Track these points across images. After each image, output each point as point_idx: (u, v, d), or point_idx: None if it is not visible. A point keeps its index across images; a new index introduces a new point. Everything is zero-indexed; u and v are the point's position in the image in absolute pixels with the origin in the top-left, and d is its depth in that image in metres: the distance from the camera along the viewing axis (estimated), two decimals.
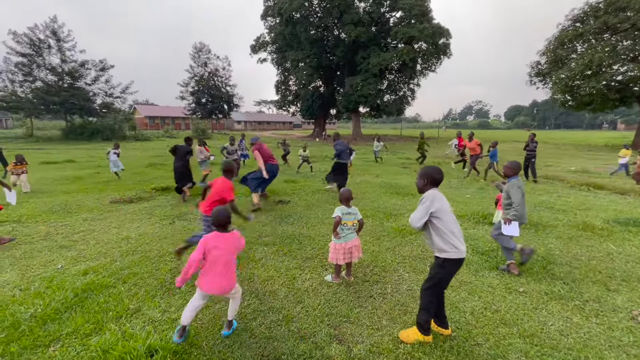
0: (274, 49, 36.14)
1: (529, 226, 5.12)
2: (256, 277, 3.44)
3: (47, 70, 26.82)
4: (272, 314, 2.77)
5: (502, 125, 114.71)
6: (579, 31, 22.72)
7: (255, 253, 4.08)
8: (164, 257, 3.94)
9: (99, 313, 2.75)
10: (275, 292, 3.13)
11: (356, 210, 3.32)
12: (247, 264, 3.76)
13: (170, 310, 2.82)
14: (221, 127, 64.49)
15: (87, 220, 5.52)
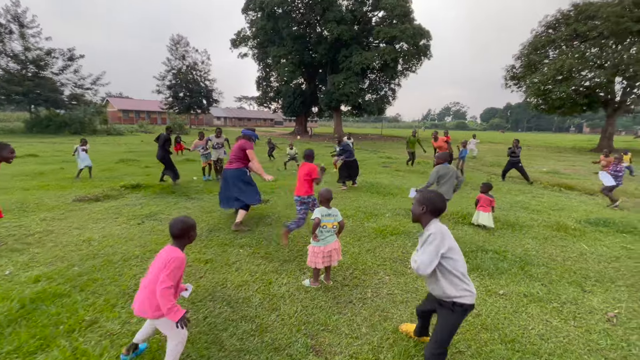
0: (255, 44, 35.44)
1: (506, 226, 5.17)
2: (229, 283, 3.23)
3: (8, 58, 24.97)
4: (245, 324, 2.58)
5: (478, 126, 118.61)
6: (551, 37, 23.68)
7: (229, 256, 3.86)
8: (129, 261, 3.64)
9: (48, 327, 2.45)
10: (249, 299, 2.94)
11: (337, 211, 3.17)
12: (221, 268, 3.54)
13: (132, 321, 2.56)
14: (200, 123, 62.83)
15: (45, 220, 5.07)
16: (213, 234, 4.61)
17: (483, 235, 4.77)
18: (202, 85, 44.75)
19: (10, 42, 24.97)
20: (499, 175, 10.47)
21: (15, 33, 25.02)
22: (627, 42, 21.09)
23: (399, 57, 29.31)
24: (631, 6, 20.03)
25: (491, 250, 4.12)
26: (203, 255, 3.85)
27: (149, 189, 7.24)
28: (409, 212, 5.88)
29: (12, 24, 24.75)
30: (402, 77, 33.60)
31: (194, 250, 3.98)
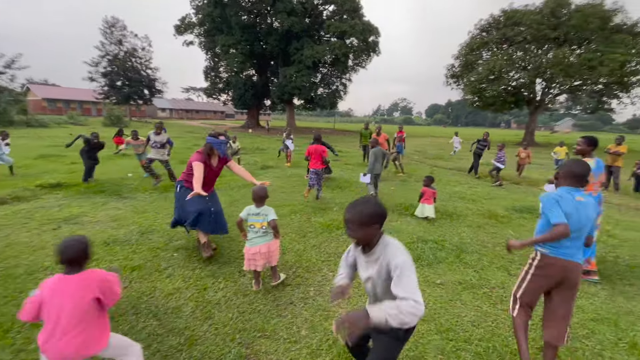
0: (202, 31, 33.35)
1: (445, 216, 5.44)
2: (158, 291, 2.91)
3: None
4: (172, 337, 2.32)
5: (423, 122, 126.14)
6: (484, 40, 25.78)
7: (161, 261, 3.50)
8: (36, 274, 3.12)
9: None
10: (179, 308, 2.66)
11: (269, 210, 2.95)
12: (150, 276, 3.18)
13: (29, 348, 2.16)
14: (142, 115, 57.94)
15: None
16: (145, 237, 4.17)
17: (424, 225, 4.96)
18: (143, 73, 41.09)
19: None
20: (441, 167, 11.12)
21: None
22: (545, 47, 23.76)
23: (350, 52, 29.71)
24: (549, 15, 22.56)
25: (431, 240, 4.28)
26: (130, 262, 3.44)
27: (71, 189, 6.39)
28: None
29: None
30: (352, 72, 34.16)
31: (120, 257, 3.55)
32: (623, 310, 2.84)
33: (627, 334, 2.51)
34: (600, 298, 3.03)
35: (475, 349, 2.29)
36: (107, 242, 3.93)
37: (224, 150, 3.56)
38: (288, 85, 29.47)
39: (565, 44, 22.94)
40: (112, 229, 4.40)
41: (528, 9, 24.15)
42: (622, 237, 4.73)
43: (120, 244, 3.91)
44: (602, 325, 2.60)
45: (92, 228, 4.43)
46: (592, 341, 2.42)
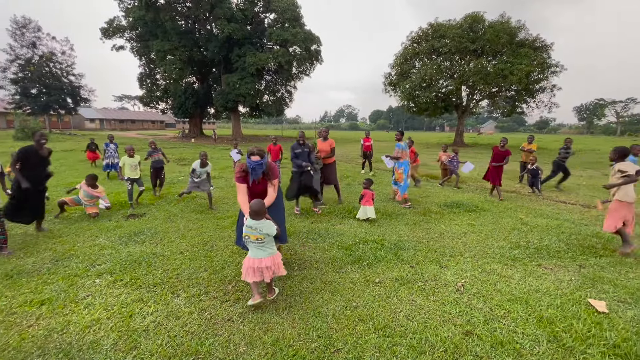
0: (134, 35, 31.08)
1: (385, 216, 5.70)
2: (73, 326, 2.56)
3: None
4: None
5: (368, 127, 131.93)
6: (416, 50, 28.00)
7: (79, 290, 3.10)
8: None
9: None
10: (98, 342, 2.37)
11: (266, 226, 2.81)
12: (63, 309, 2.79)
13: None
14: (66, 126, 51.91)
15: None
16: (59, 264, 3.67)
17: (366, 227, 5.13)
18: (64, 80, 36.93)
19: None
20: (383, 170, 11.66)
21: None
22: (467, 58, 26.55)
23: (293, 60, 30.02)
24: (468, 30, 25.30)
25: (371, 241, 4.43)
26: (39, 295, 2.99)
27: None
28: (302, 212, 5.92)
29: None
30: (297, 80, 34.54)
31: (25, 291, 3.07)
32: (532, 288, 3.22)
33: (535, 309, 2.84)
34: (515, 280, 3.40)
35: (409, 342, 2.40)
36: (10, 275, 3.37)
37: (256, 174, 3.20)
38: (232, 92, 28.73)
39: (482, 55, 25.93)
40: (18, 259, 3.80)
41: (451, 23, 26.85)
42: (533, 224, 5.39)
43: (27, 275, 3.38)
44: (516, 304, 2.91)
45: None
46: (508, 320, 2.69)
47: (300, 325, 2.61)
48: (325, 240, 4.49)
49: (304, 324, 2.61)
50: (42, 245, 4.26)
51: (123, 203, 6.34)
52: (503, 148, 7.58)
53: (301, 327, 2.57)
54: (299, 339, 2.43)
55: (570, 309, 2.83)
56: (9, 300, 2.90)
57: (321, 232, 4.80)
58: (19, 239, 4.48)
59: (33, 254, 3.94)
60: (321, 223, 5.31)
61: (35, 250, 4.08)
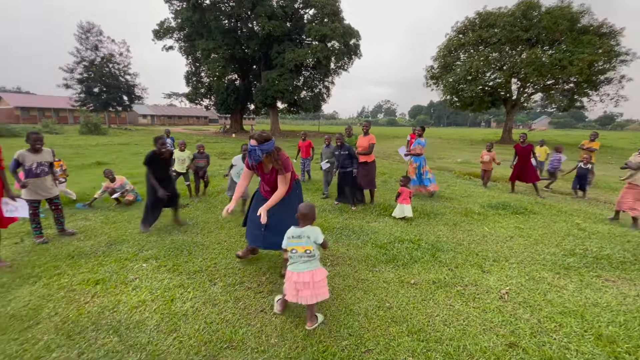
0: (182, 36, 32.87)
1: (422, 215, 5.48)
2: (122, 305, 2.77)
3: None
4: (133, 354, 2.20)
5: (407, 123, 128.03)
6: (461, 41, 26.44)
7: (128, 273, 3.35)
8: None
9: None
10: (143, 322, 2.54)
11: (313, 232, 2.50)
12: (114, 289, 3.04)
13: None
14: (122, 122, 56.54)
15: None
16: (113, 248, 4.00)
17: (402, 225, 4.97)
18: (121, 79, 40.13)
19: None
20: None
21: None
22: (519, 48, 24.56)
23: (331, 55, 29.87)
24: (521, 17, 23.36)
25: (407, 240, 4.29)
26: (94, 275, 3.28)
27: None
28: (334, 208, 5.89)
29: None
30: (335, 75, 34.36)
31: (83, 271, 3.38)
32: (590, 302, 2.90)
33: (592, 325, 2.55)
34: (569, 291, 3.09)
35: (445, 349, 2.28)
36: (72, 256, 3.75)
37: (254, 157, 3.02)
38: (270, 89, 29.34)
39: (537, 44, 23.80)
40: (79, 241, 4.20)
41: (501, 11, 24.95)
42: (591, 230, 4.87)
43: (85, 257, 3.73)
44: (569, 318, 2.64)
45: (58, 241, 4.22)
46: (560, 334, 2.45)
47: (332, 321, 2.59)
48: (360, 238, 4.42)
49: (335, 321, 2.59)
50: (99, 230, 4.67)
51: None
52: (524, 143, 7.25)
53: (332, 324, 2.55)
54: (329, 336, 2.42)
55: (636, 328, 2.51)
56: (70, 278, 3.22)
57: (355, 229, 4.73)
58: (80, 223, 4.95)
59: (91, 238, 4.34)
60: (355, 220, 5.24)
61: (93, 234, 4.49)
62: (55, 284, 3.10)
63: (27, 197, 4.01)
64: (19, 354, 2.19)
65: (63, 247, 4.00)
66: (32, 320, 2.54)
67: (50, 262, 3.58)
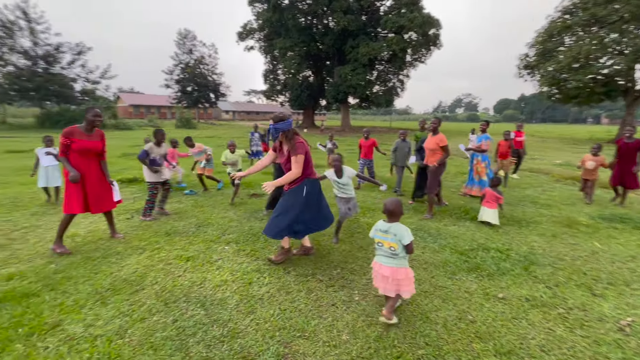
0: (262, 36, 35.08)
1: (511, 222, 4.85)
2: (208, 282, 3.04)
3: (18, 54, 25.30)
4: (217, 328, 2.39)
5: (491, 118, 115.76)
6: (567, 23, 22.57)
7: (213, 253, 3.68)
8: (109, 258, 3.50)
9: (8, 329, 2.31)
10: (225, 300, 2.75)
11: (400, 230, 2.43)
12: (202, 266, 3.36)
13: (97, 324, 2.40)
14: (208, 117, 63.12)
15: (35, 214, 5.01)
16: (201, 229, 4.45)
17: (486, 232, 4.46)
18: (209, 79, 44.73)
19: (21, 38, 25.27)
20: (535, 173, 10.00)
21: (25, 29, 25.28)
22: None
23: (408, 47, 28.55)
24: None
25: (493, 249, 3.83)
26: (186, 253, 3.68)
27: (144, 184, 7.12)
28: (408, 208, 5.60)
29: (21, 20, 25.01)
30: (410, 68, 32.81)
31: (177, 247, 3.82)
32: None
33: None
34: None
35: None
36: (169, 233, 4.27)
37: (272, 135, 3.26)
38: (343, 84, 29.43)
39: None
40: (174, 221, 4.78)
41: None
42: None
43: (179, 235, 4.22)
44: None
45: (158, 220, 4.86)
46: None
47: (406, 327, 2.44)
48: (436, 241, 4.10)
49: (410, 327, 2.43)
50: (189, 212, 5.25)
51: (250, 182, 7.25)
52: (631, 139, 5.69)
53: (407, 329, 2.40)
54: (404, 341, 2.28)
55: None
56: (167, 253, 3.66)
57: (431, 232, 4.41)
58: (174, 206, 5.64)
59: (183, 219, 4.90)
60: (432, 222, 4.89)
61: (185, 216, 5.06)
62: (156, 257, 3.56)
63: (151, 180, 4.88)
64: (128, 312, 2.56)
65: (162, 225, 4.59)
66: (139, 286, 2.96)
67: (152, 237, 4.14)
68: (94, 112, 3.67)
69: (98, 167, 3.83)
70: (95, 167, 3.79)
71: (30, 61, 26.05)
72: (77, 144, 3.55)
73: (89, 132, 3.68)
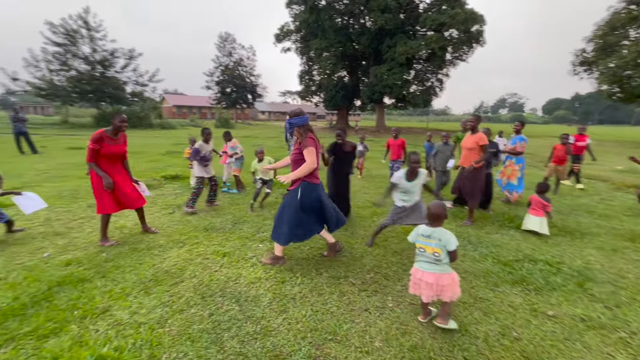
0: (298, 37, 35.57)
1: (563, 232, 4.45)
2: (242, 279, 3.12)
3: (80, 60, 27.86)
4: (250, 325, 2.43)
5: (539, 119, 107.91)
6: (633, 14, 20.39)
7: (248, 250, 3.77)
8: (152, 250, 3.71)
9: (65, 311, 2.53)
10: (259, 298, 2.79)
11: (444, 235, 2.34)
12: (237, 263, 3.45)
13: (141, 312, 2.55)
14: (245, 117, 65.23)
15: (91, 206, 5.44)
16: (236, 226, 4.58)
17: (533, 242, 4.14)
18: (247, 80, 46.22)
19: (82, 45, 27.83)
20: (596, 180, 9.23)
21: (86, 37, 27.79)
22: None
23: (448, 45, 27.43)
24: None
25: (542, 261, 3.53)
26: (222, 249, 3.80)
27: (186, 180, 7.51)
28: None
29: (82, 28, 27.52)
30: (450, 67, 31.49)
31: (215, 243, 3.96)
32: None
33: None
34: None
35: None
36: (207, 229, 4.45)
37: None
38: (379, 84, 28.97)
39: None
40: (212, 217, 4.97)
41: None
42: None
43: (216, 231, 4.38)
44: None
45: (197, 215, 5.08)
46: None
47: (443, 338, 2.32)
48: (477, 250, 3.87)
49: (447, 338, 2.31)
50: (226, 209, 5.43)
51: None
52: None
53: (444, 341, 2.28)
54: (440, 354, 2.16)
55: None
56: (205, 248, 3.81)
57: (471, 239, 4.18)
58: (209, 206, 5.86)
59: (220, 216, 5.08)
60: (471, 228, 4.63)
61: (222, 213, 5.24)
62: (195, 251, 3.72)
63: (199, 175, 5.32)
64: (169, 303, 2.68)
65: (200, 221, 4.79)
66: (178, 278, 3.10)
67: (191, 232, 4.33)
68: (121, 118, 3.83)
69: (122, 167, 4.02)
70: (120, 168, 3.98)
71: (89, 66, 28.56)
72: (105, 148, 3.71)
73: (115, 137, 3.83)
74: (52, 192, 6.16)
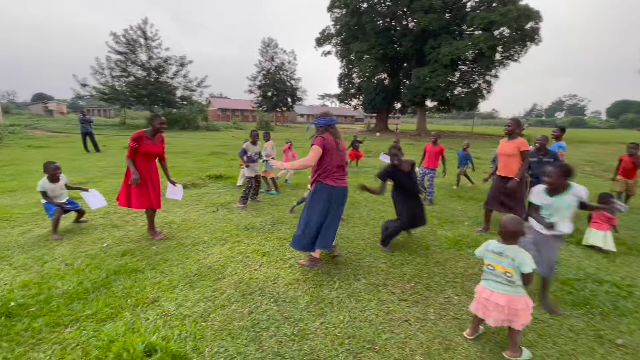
0: (339, 41, 35.76)
1: (635, 251, 3.95)
2: (281, 279, 3.16)
3: (137, 66, 30.41)
4: (288, 326, 2.44)
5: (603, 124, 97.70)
6: None
7: (286, 251, 3.81)
8: (197, 246, 3.90)
9: (121, 298, 2.73)
10: (296, 299, 2.80)
11: (520, 254, 2.08)
12: (276, 263, 3.51)
13: (186, 304, 2.68)
14: (285, 120, 66.77)
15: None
16: (275, 227, 4.67)
17: (597, 260, 3.72)
18: (288, 84, 47.35)
19: (140, 53, 30.38)
20: None
21: (143, 46, 30.29)
22: None
23: (498, 44, 25.89)
24: None
25: (608, 282, 3.16)
26: (262, 248, 3.89)
27: (229, 180, 7.83)
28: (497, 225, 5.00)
29: (141, 38, 30.04)
30: (500, 67, 29.67)
31: (255, 242, 4.06)
32: None
33: None
34: None
35: None
36: (247, 227, 4.58)
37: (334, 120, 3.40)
38: (421, 86, 28.14)
39: None
40: (252, 217, 5.11)
41: None
42: None
43: (256, 230, 4.49)
44: None
45: (238, 214, 5.27)
46: None
47: (491, 358, 2.15)
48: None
49: (496, 359, 2.14)
50: (265, 210, 5.56)
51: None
52: None
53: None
54: None
55: None
56: (246, 246, 3.92)
57: None
58: (251, 202, 6.03)
59: (260, 216, 5.21)
60: None
61: (262, 213, 5.37)
62: (236, 249, 3.85)
63: (249, 175, 5.76)
64: (211, 298, 2.79)
65: (242, 220, 4.95)
66: (220, 275, 3.22)
67: (233, 230, 4.49)
68: (160, 120, 4.01)
69: (157, 168, 4.20)
70: (155, 168, 4.16)
71: (145, 72, 31.07)
72: (143, 147, 3.89)
73: (153, 137, 4.01)
74: (110, 187, 6.74)
